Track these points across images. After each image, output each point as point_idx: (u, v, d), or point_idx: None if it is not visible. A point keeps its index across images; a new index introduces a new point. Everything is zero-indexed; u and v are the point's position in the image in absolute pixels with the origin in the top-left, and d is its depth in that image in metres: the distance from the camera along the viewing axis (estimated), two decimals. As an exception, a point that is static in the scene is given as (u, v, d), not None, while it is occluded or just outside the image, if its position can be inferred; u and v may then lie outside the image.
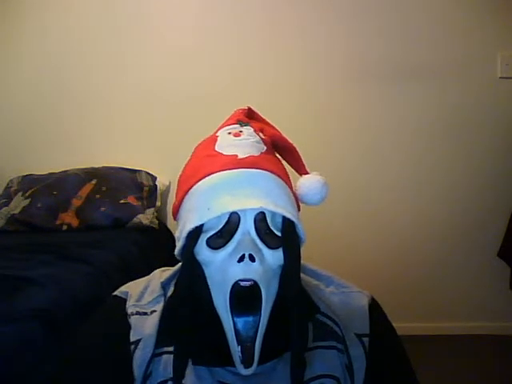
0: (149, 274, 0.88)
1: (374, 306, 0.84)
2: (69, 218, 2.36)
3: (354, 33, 2.61)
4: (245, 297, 0.69)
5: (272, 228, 0.72)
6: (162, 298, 0.80)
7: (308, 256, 0.88)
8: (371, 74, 2.61)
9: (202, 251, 0.72)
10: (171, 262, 0.91)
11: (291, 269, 0.73)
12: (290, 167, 0.84)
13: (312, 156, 0.86)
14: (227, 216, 0.71)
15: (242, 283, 0.69)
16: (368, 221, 2.68)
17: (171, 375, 0.73)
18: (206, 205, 0.71)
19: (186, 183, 0.76)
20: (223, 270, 0.70)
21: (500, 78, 2.59)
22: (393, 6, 2.60)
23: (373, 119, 2.65)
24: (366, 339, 0.79)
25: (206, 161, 0.75)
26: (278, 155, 0.82)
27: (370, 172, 2.67)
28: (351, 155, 2.66)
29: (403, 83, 2.61)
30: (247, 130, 0.78)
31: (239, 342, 0.70)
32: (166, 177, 2.65)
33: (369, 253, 2.65)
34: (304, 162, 0.84)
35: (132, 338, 0.76)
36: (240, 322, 0.71)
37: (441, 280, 2.69)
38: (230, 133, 0.78)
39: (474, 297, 2.68)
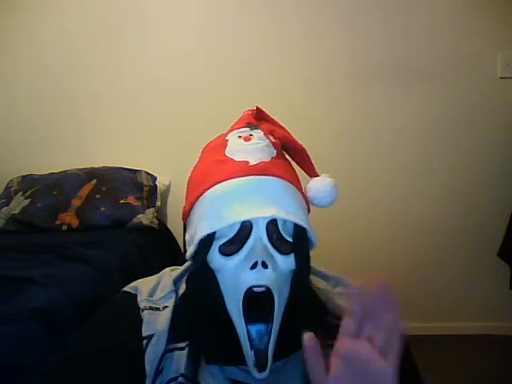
0: (149, 274, 0.88)
1: None
2: (69, 218, 2.36)
3: (356, 33, 2.61)
4: (257, 302, 0.70)
5: (283, 234, 0.73)
6: (174, 294, 0.81)
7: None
8: (373, 75, 2.61)
9: (215, 258, 0.73)
10: (171, 262, 0.91)
11: (302, 273, 0.75)
12: (299, 169, 0.84)
13: (314, 156, 0.86)
14: (239, 224, 0.72)
15: (256, 289, 0.70)
16: (368, 221, 2.68)
17: (182, 372, 0.74)
18: (218, 213, 0.72)
19: (197, 188, 0.76)
20: (236, 276, 0.71)
21: (500, 78, 2.59)
22: (394, 6, 2.60)
23: (375, 119, 2.65)
24: None
25: (216, 166, 0.76)
26: (287, 157, 0.83)
27: (371, 171, 2.67)
28: (353, 155, 2.66)
29: (404, 83, 2.61)
30: (257, 134, 0.79)
31: (252, 346, 0.71)
32: (166, 177, 2.65)
33: (368, 253, 2.65)
34: (314, 163, 0.84)
35: (144, 333, 0.76)
36: (253, 330, 0.72)
37: (441, 280, 2.69)
38: (240, 136, 0.78)
39: (474, 297, 2.68)
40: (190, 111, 2.63)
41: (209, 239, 0.73)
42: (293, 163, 0.83)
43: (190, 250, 0.75)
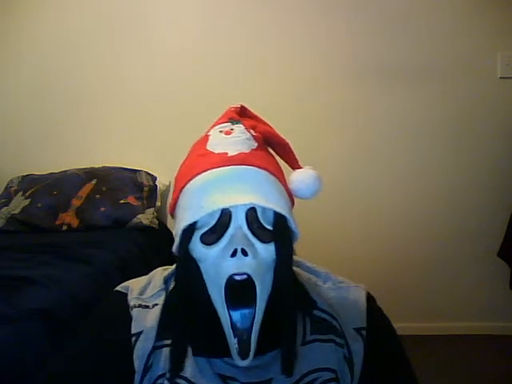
0: (148, 274, 0.89)
1: (371, 299, 0.86)
2: (69, 218, 2.36)
3: (355, 33, 2.61)
4: (240, 290, 0.71)
5: (263, 222, 0.74)
6: (164, 292, 0.82)
7: (307, 254, 0.89)
8: (372, 75, 2.61)
9: (197, 247, 0.74)
10: (171, 262, 0.91)
11: (283, 262, 0.75)
12: (284, 163, 0.85)
13: (313, 156, 0.86)
14: (219, 212, 0.72)
15: (236, 277, 0.71)
16: (368, 221, 2.68)
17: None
18: (198, 203, 0.73)
19: (180, 182, 0.78)
20: (217, 265, 0.72)
21: (500, 78, 2.59)
22: (394, 6, 2.60)
23: (374, 120, 2.65)
24: (364, 332, 0.81)
25: (198, 160, 0.77)
26: (271, 151, 0.84)
27: (371, 173, 2.67)
28: (353, 156, 2.66)
29: (404, 84, 2.61)
30: (238, 128, 0.79)
31: (236, 334, 0.72)
32: (165, 177, 2.65)
33: (369, 253, 2.65)
34: (297, 156, 0.85)
35: (133, 330, 0.77)
36: (236, 314, 0.73)
37: (441, 280, 2.69)
38: (221, 131, 0.79)
39: (474, 297, 2.68)
40: (190, 111, 2.63)
41: (191, 229, 0.74)
42: (281, 161, 0.83)
43: (175, 242, 0.77)
